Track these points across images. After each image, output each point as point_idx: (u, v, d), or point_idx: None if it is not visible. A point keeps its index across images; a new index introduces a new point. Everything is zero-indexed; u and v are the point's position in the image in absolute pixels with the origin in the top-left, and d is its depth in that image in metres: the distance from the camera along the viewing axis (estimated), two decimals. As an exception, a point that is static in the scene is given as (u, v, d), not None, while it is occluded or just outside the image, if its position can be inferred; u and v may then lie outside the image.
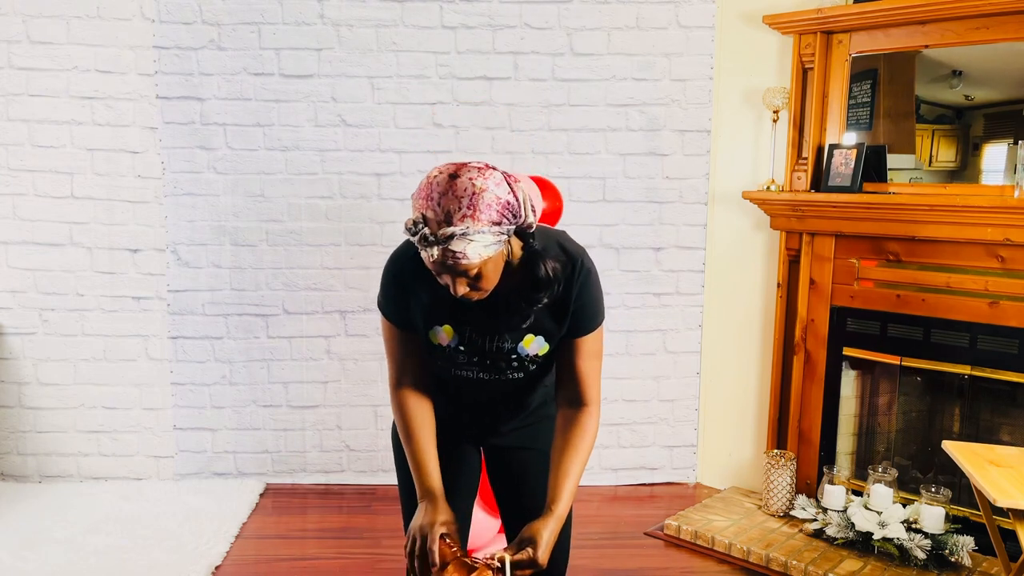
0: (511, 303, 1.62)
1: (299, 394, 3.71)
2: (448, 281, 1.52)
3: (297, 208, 3.60)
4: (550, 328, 1.70)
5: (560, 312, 1.67)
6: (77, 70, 3.46)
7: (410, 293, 1.67)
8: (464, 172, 1.47)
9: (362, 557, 3.08)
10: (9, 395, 3.61)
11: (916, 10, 2.98)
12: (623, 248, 3.69)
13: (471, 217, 1.44)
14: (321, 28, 3.50)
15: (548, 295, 1.60)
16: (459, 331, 1.70)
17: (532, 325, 1.67)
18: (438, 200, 1.44)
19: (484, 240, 1.46)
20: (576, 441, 1.69)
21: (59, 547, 3.02)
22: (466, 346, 1.71)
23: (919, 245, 3.06)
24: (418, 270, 1.63)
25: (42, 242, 3.54)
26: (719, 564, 3.06)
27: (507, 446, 1.90)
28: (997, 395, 3.07)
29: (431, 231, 1.45)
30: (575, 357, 1.71)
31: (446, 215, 1.43)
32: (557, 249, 1.65)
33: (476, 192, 1.44)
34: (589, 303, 1.68)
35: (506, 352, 1.71)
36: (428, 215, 1.45)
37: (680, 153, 3.66)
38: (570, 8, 3.55)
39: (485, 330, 1.69)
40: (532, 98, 3.58)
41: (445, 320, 1.69)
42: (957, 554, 2.85)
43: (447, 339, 1.71)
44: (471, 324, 1.69)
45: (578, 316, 1.68)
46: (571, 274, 1.65)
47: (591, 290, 1.68)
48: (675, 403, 3.83)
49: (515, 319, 1.65)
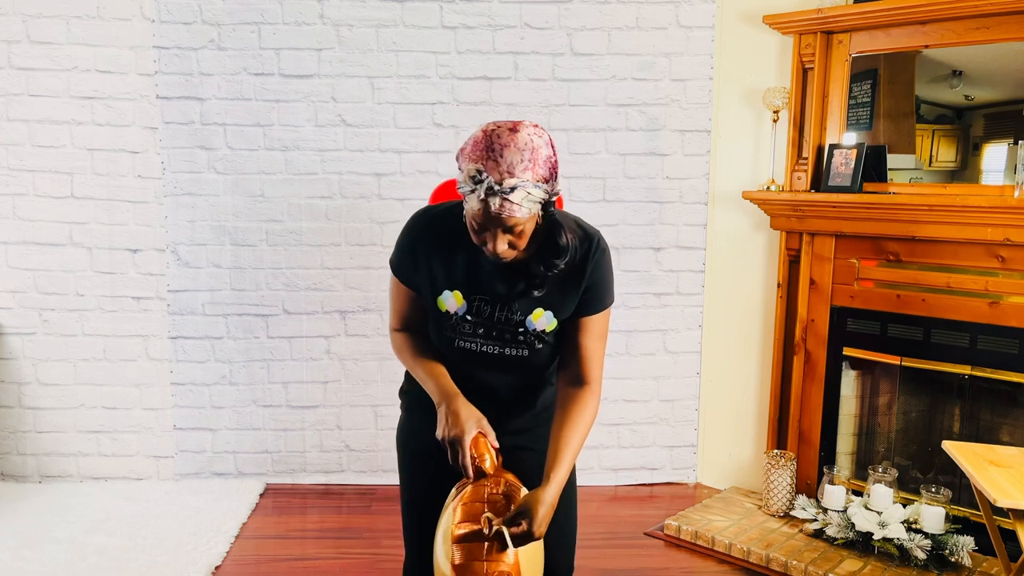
0: (528, 269, 1.65)
1: (299, 394, 3.71)
2: (489, 239, 1.55)
3: (297, 208, 3.60)
4: (560, 303, 1.71)
5: (573, 287, 1.69)
6: (77, 70, 3.46)
7: (426, 254, 1.70)
8: (523, 127, 1.52)
9: (362, 557, 3.07)
10: (9, 395, 3.61)
11: (916, 10, 2.98)
12: (623, 248, 3.69)
13: (531, 170, 1.50)
14: (321, 28, 3.50)
15: (565, 263, 1.64)
16: (468, 299, 1.71)
17: (543, 298, 1.69)
18: (501, 151, 1.48)
19: (536, 195, 1.52)
20: (576, 416, 1.70)
21: (59, 547, 3.02)
22: (473, 315, 1.71)
23: (919, 245, 3.06)
24: (439, 232, 1.68)
25: (42, 242, 3.54)
26: (719, 564, 3.06)
27: (512, 446, 1.89)
28: (997, 395, 3.07)
29: (496, 181, 1.48)
30: (581, 335, 1.74)
31: (509, 167, 1.48)
32: (575, 225, 1.70)
33: (535, 148, 1.50)
34: (601, 281, 1.72)
35: (514, 324, 1.71)
36: (489, 165, 1.48)
37: (680, 153, 3.66)
38: (570, 8, 3.55)
39: (495, 299, 1.70)
40: (532, 98, 3.58)
41: (456, 285, 1.70)
42: (957, 554, 2.85)
43: (455, 306, 1.71)
44: (481, 292, 1.70)
45: (590, 293, 1.71)
46: (588, 249, 1.69)
47: (604, 269, 1.73)
48: (675, 403, 3.83)
49: (530, 286, 1.67)
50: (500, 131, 1.51)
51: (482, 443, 1.65)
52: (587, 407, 1.72)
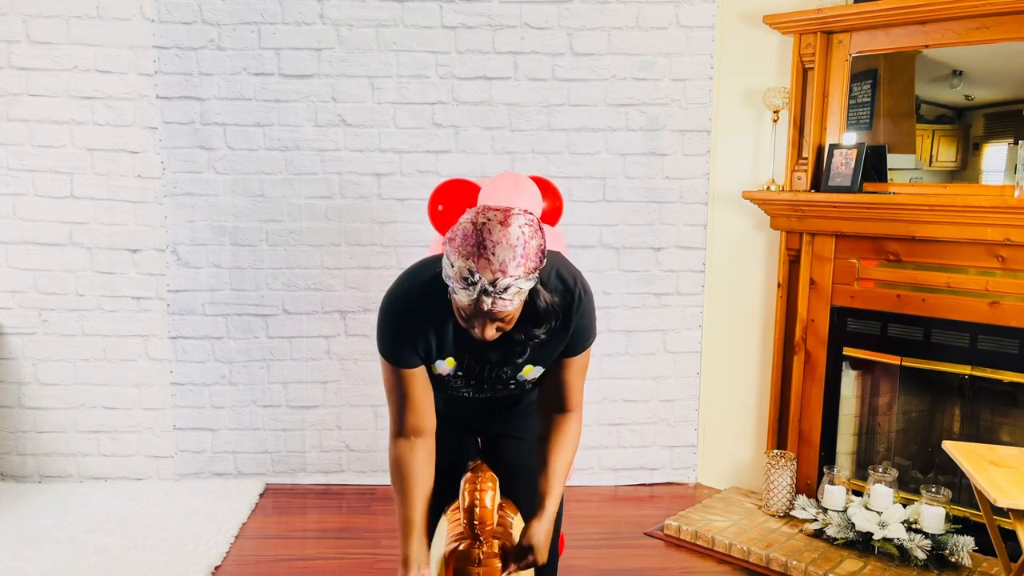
0: (511, 337, 1.64)
1: (299, 394, 3.71)
2: (477, 326, 1.53)
3: (297, 208, 3.60)
4: (547, 357, 1.74)
5: (558, 341, 1.71)
6: (77, 70, 3.46)
7: (419, 329, 1.67)
8: (513, 220, 1.48)
9: (362, 557, 3.07)
10: (9, 395, 3.61)
11: (916, 10, 2.98)
12: (623, 248, 3.69)
13: (523, 266, 1.46)
14: (321, 28, 3.50)
15: (546, 330, 1.62)
16: (459, 360, 1.74)
17: (530, 358, 1.72)
18: (493, 250, 1.45)
19: (526, 286, 1.50)
20: (562, 444, 1.75)
21: (59, 547, 3.02)
22: (465, 372, 1.75)
23: (919, 245, 3.05)
24: (424, 309, 1.65)
25: (42, 242, 3.54)
26: (719, 564, 3.06)
27: (500, 434, 1.98)
28: (997, 395, 3.07)
29: (489, 281, 1.45)
30: (564, 372, 1.76)
31: (501, 265, 1.44)
32: (555, 280, 1.66)
33: (526, 241, 1.47)
34: (584, 328, 1.72)
35: (505, 379, 1.77)
36: (481, 264, 1.44)
37: (680, 153, 3.66)
38: (570, 8, 3.55)
39: (485, 360, 1.73)
40: (532, 98, 3.58)
41: (449, 353, 1.71)
42: (957, 554, 2.84)
43: (448, 369, 1.75)
44: (471, 354, 1.72)
45: (573, 340, 1.72)
46: (569, 304, 1.67)
47: (587, 316, 1.72)
48: (675, 403, 3.83)
49: (514, 353, 1.69)
50: (491, 225, 1.46)
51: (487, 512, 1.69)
52: (571, 433, 1.77)
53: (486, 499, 1.70)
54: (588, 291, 1.71)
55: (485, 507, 1.68)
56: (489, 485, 1.73)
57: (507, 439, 1.97)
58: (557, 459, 1.73)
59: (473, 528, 1.67)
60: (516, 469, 1.93)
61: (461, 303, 1.51)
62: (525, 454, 1.91)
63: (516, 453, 1.94)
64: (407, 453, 1.74)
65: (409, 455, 1.74)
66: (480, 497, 1.69)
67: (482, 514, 1.67)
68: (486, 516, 1.67)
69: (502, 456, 1.96)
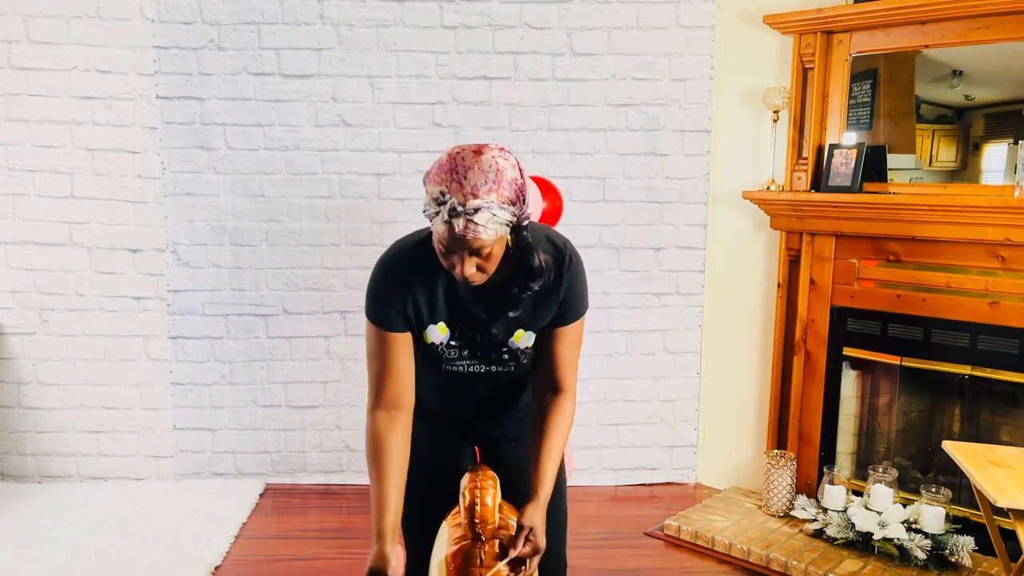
0: (504, 291, 1.65)
1: (299, 394, 3.71)
2: (456, 262, 1.54)
3: (297, 208, 3.60)
4: (539, 322, 1.74)
5: (549, 305, 1.71)
6: (77, 70, 3.46)
7: (408, 291, 1.69)
8: (487, 150, 1.51)
9: (362, 557, 3.07)
10: (9, 395, 3.61)
11: (916, 10, 2.98)
12: (623, 248, 3.69)
13: (495, 192, 1.48)
14: (321, 28, 3.50)
15: (540, 283, 1.64)
16: (451, 326, 1.72)
17: (522, 319, 1.71)
18: (464, 174, 1.47)
19: (502, 217, 1.50)
20: (555, 426, 1.74)
21: (59, 547, 3.02)
22: (458, 340, 1.74)
23: (919, 245, 3.05)
24: (413, 269, 1.67)
25: (42, 242, 3.54)
26: (719, 564, 3.06)
27: (498, 438, 1.96)
28: (997, 395, 3.07)
29: (459, 202, 1.46)
30: (556, 344, 1.75)
31: (472, 188, 1.46)
32: (545, 242, 1.69)
33: (500, 170, 1.49)
34: (576, 294, 1.73)
35: (497, 345, 1.75)
36: (453, 187, 1.47)
37: (680, 153, 3.66)
38: (570, 8, 3.55)
39: (477, 324, 1.72)
40: (532, 98, 3.58)
41: (440, 317, 1.71)
42: (957, 554, 2.84)
43: (440, 336, 1.73)
44: (463, 318, 1.71)
45: (565, 306, 1.72)
46: (561, 265, 1.69)
47: (578, 281, 1.73)
48: (675, 403, 3.83)
49: (507, 308, 1.68)
50: (464, 153, 1.50)
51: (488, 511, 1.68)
52: (564, 414, 1.76)
53: (487, 498, 1.68)
54: (578, 256, 1.74)
55: (486, 505, 1.67)
56: (490, 483, 1.72)
57: (506, 442, 1.96)
58: (550, 443, 1.72)
59: (474, 527, 1.67)
60: (515, 471, 1.93)
61: (437, 232, 1.52)
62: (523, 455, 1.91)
63: (515, 455, 1.93)
64: (385, 425, 1.76)
65: (387, 427, 1.76)
66: (480, 496, 1.68)
67: (483, 513, 1.66)
68: (487, 515, 1.66)
69: (501, 460, 1.95)
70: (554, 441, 1.72)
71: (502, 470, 1.94)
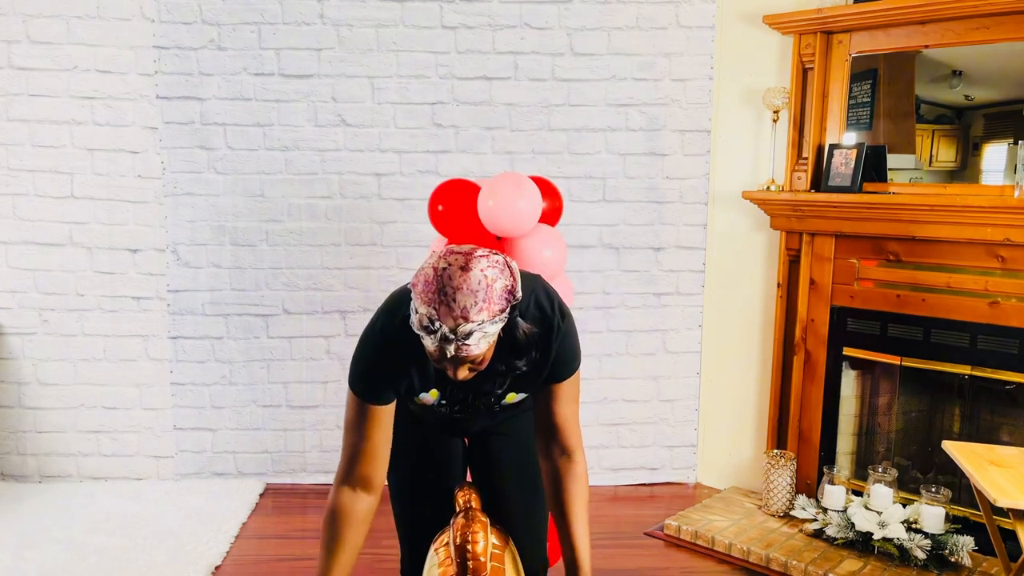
0: (492, 368, 1.62)
1: (299, 394, 3.71)
2: (449, 368, 1.51)
3: (297, 208, 3.60)
4: (530, 383, 1.73)
5: (539, 368, 1.68)
6: (77, 70, 3.46)
7: (399, 367, 1.64)
8: (474, 263, 1.44)
9: (362, 557, 3.05)
10: (9, 395, 3.61)
11: (916, 10, 2.98)
12: (623, 248, 3.69)
13: (486, 310, 1.42)
14: (321, 28, 3.50)
15: (526, 361, 1.60)
16: (442, 391, 1.73)
17: (512, 386, 1.71)
18: (453, 296, 1.41)
19: (493, 331, 1.46)
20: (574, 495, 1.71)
21: (59, 547, 3.02)
22: (449, 399, 1.74)
23: (919, 245, 3.06)
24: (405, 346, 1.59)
25: (42, 242, 3.54)
26: (719, 564, 3.06)
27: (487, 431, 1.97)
28: (997, 395, 3.07)
29: (449, 328, 1.42)
30: (554, 403, 1.72)
31: (463, 311, 1.41)
32: (533, 308, 1.63)
33: (489, 285, 1.43)
34: (566, 353, 1.69)
35: (490, 404, 1.77)
36: (442, 311, 1.42)
37: (680, 153, 3.66)
38: (570, 8, 3.55)
39: (468, 389, 1.73)
40: (532, 98, 3.58)
41: (432, 385, 1.70)
42: (957, 554, 2.84)
43: (431, 399, 1.74)
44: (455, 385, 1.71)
45: (556, 365, 1.69)
46: (549, 332, 1.64)
47: (569, 343, 1.69)
48: (675, 403, 3.83)
49: (495, 384, 1.69)
50: (451, 271, 1.43)
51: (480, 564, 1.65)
52: (579, 479, 1.73)
53: (478, 548, 1.63)
54: (568, 316, 1.69)
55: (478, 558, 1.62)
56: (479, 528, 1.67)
57: (494, 436, 1.95)
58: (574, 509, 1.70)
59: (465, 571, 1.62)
60: (503, 467, 1.94)
61: (428, 348, 1.48)
62: (512, 450, 1.91)
63: (503, 450, 1.94)
64: (349, 505, 1.68)
65: (351, 505, 1.68)
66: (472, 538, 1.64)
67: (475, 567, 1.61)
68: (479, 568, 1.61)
69: (490, 456, 1.95)
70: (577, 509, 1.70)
71: (490, 466, 1.95)
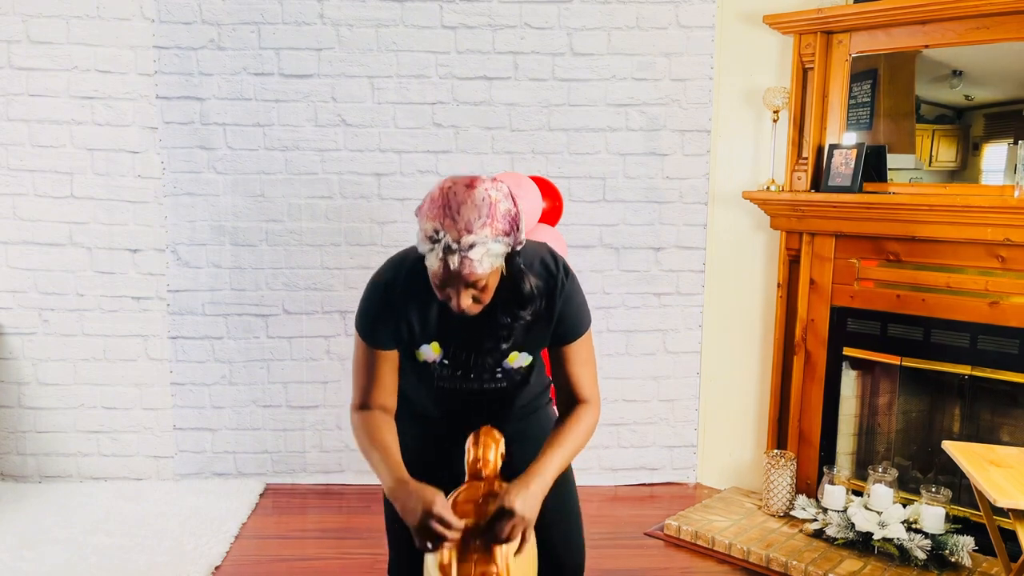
0: (495, 319, 1.64)
1: (299, 394, 3.71)
2: (452, 294, 1.54)
3: (297, 208, 3.60)
4: (533, 342, 1.73)
5: (544, 327, 1.70)
6: (77, 70, 3.46)
7: (400, 312, 1.68)
8: (479, 183, 1.50)
9: (362, 557, 3.07)
10: (9, 395, 3.61)
11: (916, 10, 2.98)
12: (623, 248, 3.69)
13: (490, 226, 1.47)
14: (321, 28, 3.50)
15: (531, 311, 1.63)
16: (445, 347, 1.72)
17: (515, 343, 1.71)
18: (458, 209, 1.47)
19: (496, 249, 1.50)
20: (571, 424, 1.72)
21: (59, 547, 3.02)
22: (451, 360, 1.74)
23: (919, 245, 3.06)
24: (409, 289, 1.65)
25: (42, 242, 3.54)
26: (719, 564, 3.06)
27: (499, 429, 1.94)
28: (997, 395, 3.07)
29: (453, 239, 1.46)
30: (568, 365, 1.75)
31: (466, 224, 1.46)
32: (539, 266, 1.68)
33: (493, 203, 1.49)
34: (574, 312, 1.71)
35: (490, 366, 1.75)
36: (447, 223, 1.47)
37: (680, 153, 3.66)
38: (570, 8, 3.55)
39: (470, 346, 1.72)
40: (532, 98, 3.58)
41: (433, 336, 1.71)
42: (957, 554, 2.84)
43: (433, 356, 1.73)
44: (456, 340, 1.71)
45: (564, 326, 1.71)
46: (553, 290, 1.68)
47: (574, 300, 1.72)
48: (675, 403, 3.83)
49: (499, 336, 1.68)
50: (456, 188, 1.50)
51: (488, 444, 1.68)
52: (582, 417, 1.74)
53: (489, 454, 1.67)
54: (572, 276, 1.73)
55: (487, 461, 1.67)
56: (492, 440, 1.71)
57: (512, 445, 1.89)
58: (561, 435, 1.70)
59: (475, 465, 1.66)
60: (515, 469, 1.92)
61: (432, 267, 1.52)
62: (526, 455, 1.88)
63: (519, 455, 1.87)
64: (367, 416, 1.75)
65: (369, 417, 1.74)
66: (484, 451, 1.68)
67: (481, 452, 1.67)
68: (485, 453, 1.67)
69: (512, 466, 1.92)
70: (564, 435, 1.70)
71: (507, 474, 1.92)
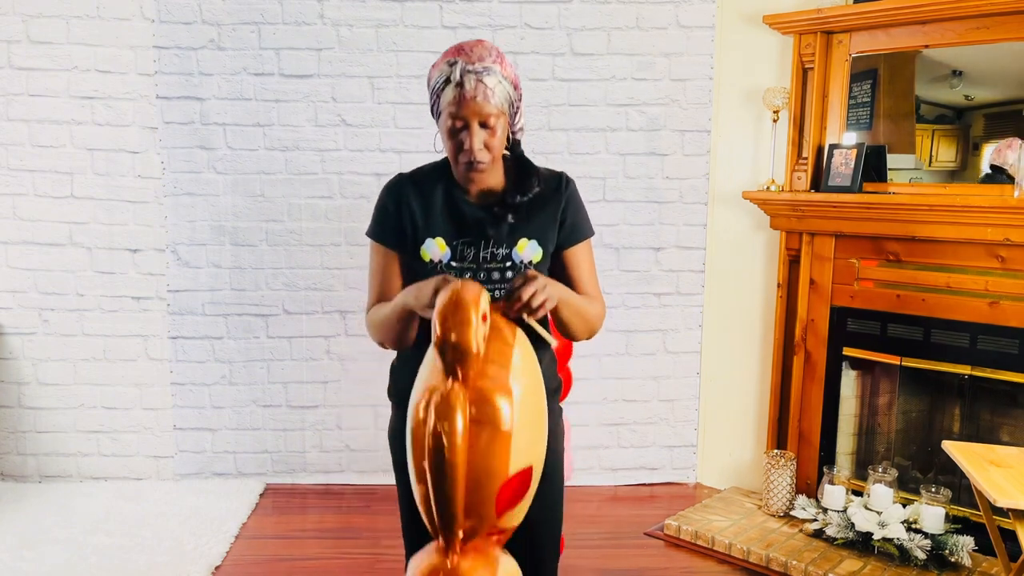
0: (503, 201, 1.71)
1: (299, 394, 3.71)
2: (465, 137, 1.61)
3: (297, 208, 3.60)
4: (541, 230, 1.74)
5: (551, 215, 1.76)
6: (77, 70, 3.46)
7: (405, 205, 1.77)
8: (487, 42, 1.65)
9: (362, 557, 3.07)
10: (9, 395, 3.61)
11: (916, 10, 2.98)
12: (623, 248, 3.69)
13: (499, 64, 1.60)
14: (321, 28, 3.50)
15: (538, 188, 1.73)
16: (451, 244, 1.73)
17: (525, 228, 1.72)
18: (470, 48, 1.59)
19: (506, 87, 1.61)
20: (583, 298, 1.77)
21: (59, 547, 3.02)
22: (458, 261, 1.73)
23: (919, 245, 3.06)
24: (413, 183, 1.77)
25: (42, 242, 3.54)
26: (719, 564, 3.06)
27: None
28: (997, 395, 3.07)
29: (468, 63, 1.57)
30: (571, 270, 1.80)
31: (479, 56, 1.58)
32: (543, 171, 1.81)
33: (501, 52, 1.64)
34: (577, 211, 1.80)
35: (500, 259, 1.73)
36: (461, 56, 1.58)
37: (680, 153, 3.66)
38: (570, 8, 3.55)
39: (478, 237, 1.72)
40: (532, 98, 3.58)
41: (437, 232, 1.74)
42: (957, 554, 2.85)
43: (439, 254, 1.74)
44: (463, 235, 1.72)
45: (568, 223, 1.78)
46: (559, 182, 1.79)
47: (577, 200, 1.81)
48: (675, 403, 3.83)
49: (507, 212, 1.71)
50: (465, 41, 1.64)
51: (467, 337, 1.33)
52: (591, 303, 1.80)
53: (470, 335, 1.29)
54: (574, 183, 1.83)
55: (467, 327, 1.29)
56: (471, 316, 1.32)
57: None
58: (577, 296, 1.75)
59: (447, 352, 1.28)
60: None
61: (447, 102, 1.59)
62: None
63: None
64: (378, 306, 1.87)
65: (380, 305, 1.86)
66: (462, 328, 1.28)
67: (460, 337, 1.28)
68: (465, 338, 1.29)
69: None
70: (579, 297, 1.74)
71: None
